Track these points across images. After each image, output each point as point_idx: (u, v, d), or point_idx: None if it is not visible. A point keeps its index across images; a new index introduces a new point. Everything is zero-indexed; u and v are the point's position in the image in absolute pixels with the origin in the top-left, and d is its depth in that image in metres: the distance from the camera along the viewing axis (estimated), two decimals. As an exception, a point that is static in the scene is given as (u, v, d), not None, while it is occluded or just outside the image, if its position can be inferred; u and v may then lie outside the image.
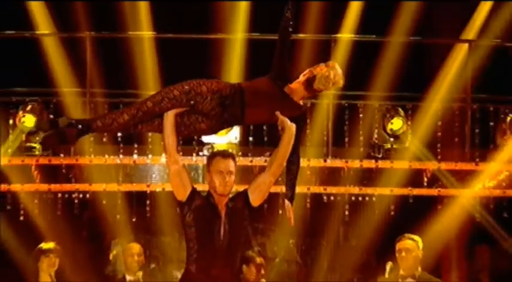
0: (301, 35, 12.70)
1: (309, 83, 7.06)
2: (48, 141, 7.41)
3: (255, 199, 7.06)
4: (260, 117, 7.21)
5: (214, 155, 7.24)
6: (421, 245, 9.53)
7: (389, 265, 9.93)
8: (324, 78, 7.01)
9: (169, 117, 6.82)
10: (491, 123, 12.02)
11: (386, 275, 10.00)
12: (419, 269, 9.51)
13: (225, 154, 7.23)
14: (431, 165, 11.89)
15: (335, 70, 7.11)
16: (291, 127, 7.00)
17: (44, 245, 10.02)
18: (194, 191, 6.99)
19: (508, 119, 12.12)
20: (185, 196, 6.92)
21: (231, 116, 6.98)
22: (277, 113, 7.04)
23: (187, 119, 6.95)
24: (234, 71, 12.43)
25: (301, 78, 7.12)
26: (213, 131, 7.20)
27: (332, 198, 12.04)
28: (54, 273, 9.82)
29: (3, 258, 11.64)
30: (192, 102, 6.89)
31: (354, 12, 13.37)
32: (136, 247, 10.45)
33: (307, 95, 7.15)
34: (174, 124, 6.91)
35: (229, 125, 7.24)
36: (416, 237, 9.60)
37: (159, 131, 7.11)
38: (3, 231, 11.99)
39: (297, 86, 7.08)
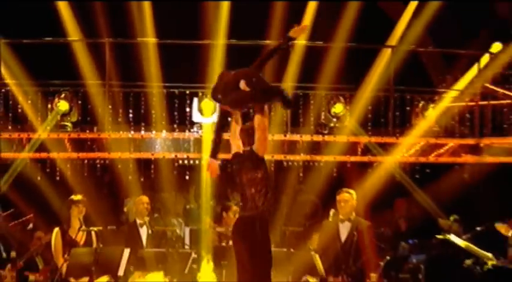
0: (266, 41, 12.62)
1: None
2: None
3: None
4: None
5: None
6: (355, 197, 10.20)
7: (332, 212, 10.31)
8: None
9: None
10: (408, 108, 12.45)
11: (330, 219, 10.33)
12: (354, 214, 10.19)
13: None
14: (364, 139, 12.28)
15: None
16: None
17: (74, 197, 10.33)
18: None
19: (420, 105, 12.56)
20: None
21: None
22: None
23: None
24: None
25: None
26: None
27: (290, 163, 12.31)
28: (82, 218, 10.17)
29: (46, 207, 11.77)
30: None
31: (308, 19, 13.19)
32: (145, 198, 10.85)
33: None
34: None
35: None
36: (351, 191, 10.23)
37: None
38: (45, 188, 12.23)
39: None
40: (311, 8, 13.39)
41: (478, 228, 10.96)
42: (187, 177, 12.24)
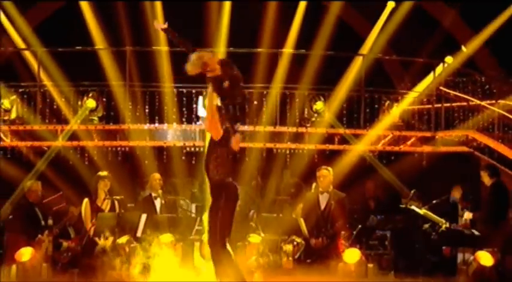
0: (258, 50, 12.83)
1: None
2: None
3: None
4: None
5: None
6: (332, 173, 10.46)
7: (313, 185, 10.61)
8: None
9: None
10: (376, 106, 12.41)
11: (312, 191, 10.61)
12: (331, 187, 10.44)
13: None
14: (340, 131, 12.20)
15: None
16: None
17: (101, 173, 10.55)
18: None
19: (386, 103, 12.51)
20: None
21: None
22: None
23: None
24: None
25: None
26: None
27: (279, 151, 12.22)
28: (107, 191, 10.37)
29: (78, 182, 11.71)
30: None
31: (294, 33, 13.59)
32: (157, 175, 10.89)
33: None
34: None
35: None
36: (329, 168, 10.53)
37: None
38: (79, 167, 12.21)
39: None
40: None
41: (434, 201, 11.01)
42: (193, 162, 12.08)
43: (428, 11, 14.16)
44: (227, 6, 13.14)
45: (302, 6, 13.80)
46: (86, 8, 13.44)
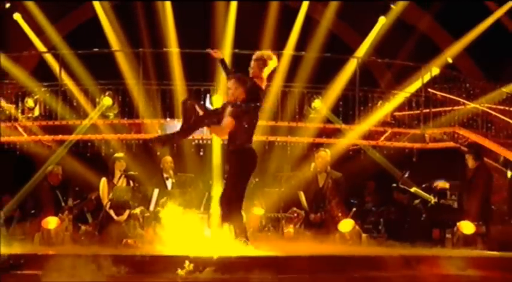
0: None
1: None
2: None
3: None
4: None
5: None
6: (329, 154, 10.68)
7: (312, 165, 10.83)
8: None
9: None
10: (370, 104, 12.53)
11: (311, 170, 10.80)
12: (329, 167, 10.67)
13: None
14: (338, 126, 12.34)
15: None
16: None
17: (117, 154, 10.82)
18: None
19: (379, 103, 12.68)
20: None
21: None
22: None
23: None
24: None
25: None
26: None
27: (280, 143, 12.34)
28: (123, 170, 10.50)
29: (99, 162, 11.76)
30: None
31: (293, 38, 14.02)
32: (169, 158, 11.00)
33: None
34: None
35: None
36: (327, 150, 10.79)
37: None
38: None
39: None
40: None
41: (423, 185, 11.30)
42: (201, 153, 12.26)
43: (405, 16, 14.59)
44: (233, 10, 13.51)
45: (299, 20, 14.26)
46: (100, 12, 13.93)
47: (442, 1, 14.36)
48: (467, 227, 9.72)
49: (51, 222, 9.81)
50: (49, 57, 13.61)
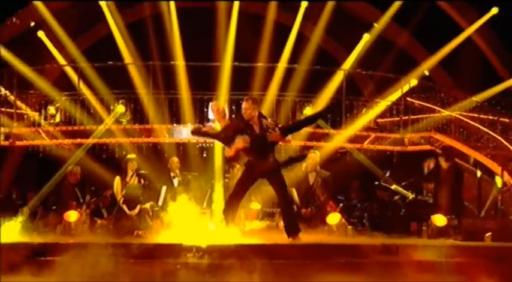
0: (255, 64, 12.97)
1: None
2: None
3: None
4: None
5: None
6: (318, 155, 10.70)
7: (303, 165, 10.68)
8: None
9: None
10: (355, 111, 12.51)
11: (303, 169, 10.75)
12: (318, 167, 10.67)
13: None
14: (326, 130, 12.23)
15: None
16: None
17: (130, 156, 10.84)
18: None
19: (363, 110, 12.65)
20: None
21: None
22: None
23: None
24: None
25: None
26: None
27: (276, 146, 11.77)
28: (135, 170, 10.51)
29: (114, 163, 11.73)
30: None
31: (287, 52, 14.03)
32: (176, 159, 11.02)
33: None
34: None
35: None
36: (316, 151, 10.81)
37: None
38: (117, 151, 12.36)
39: None
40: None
41: (403, 184, 11.29)
42: (204, 155, 12.33)
43: (386, 33, 14.66)
44: (233, 28, 13.59)
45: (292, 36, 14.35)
46: (115, 29, 13.99)
47: (418, 19, 14.51)
48: (440, 220, 9.76)
49: (72, 215, 9.92)
50: (69, 70, 13.78)
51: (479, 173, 11.46)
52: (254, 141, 7.89)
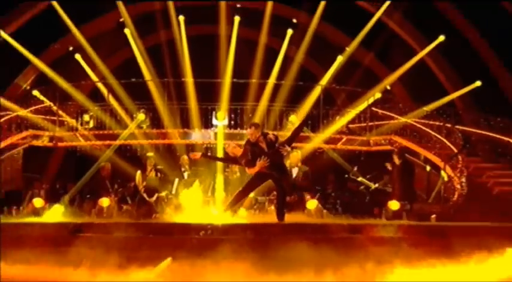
0: (250, 80, 12.96)
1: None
2: None
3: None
4: None
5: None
6: (300, 154, 10.59)
7: (288, 162, 10.07)
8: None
9: None
10: (330, 118, 12.50)
11: (287, 165, 10.20)
12: (300, 163, 10.41)
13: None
14: (307, 134, 12.03)
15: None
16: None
17: (149, 154, 11.26)
18: None
19: (337, 118, 12.68)
20: None
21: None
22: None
23: None
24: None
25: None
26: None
27: None
28: (153, 165, 10.73)
29: (136, 160, 11.82)
30: None
31: (275, 70, 13.94)
32: (186, 157, 10.94)
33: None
34: None
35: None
36: (299, 151, 10.69)
37: None
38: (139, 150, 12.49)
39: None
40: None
41: (367, 176, 11.62)
42: (209, 153, 11.92)
43: (355, 55, 14.71)
44: (232, 51, 13.67)
45: (280, 57, 14.45)
46: (137, 52, 14.03)
47: (381, 43, 14.60)
48: (394, 205, 9.82)
49: (105, 201, 10.11)
50: (100, 85, 13.75)
51: (428, 168, 11.62)
52: (268, 156, 7.96)
